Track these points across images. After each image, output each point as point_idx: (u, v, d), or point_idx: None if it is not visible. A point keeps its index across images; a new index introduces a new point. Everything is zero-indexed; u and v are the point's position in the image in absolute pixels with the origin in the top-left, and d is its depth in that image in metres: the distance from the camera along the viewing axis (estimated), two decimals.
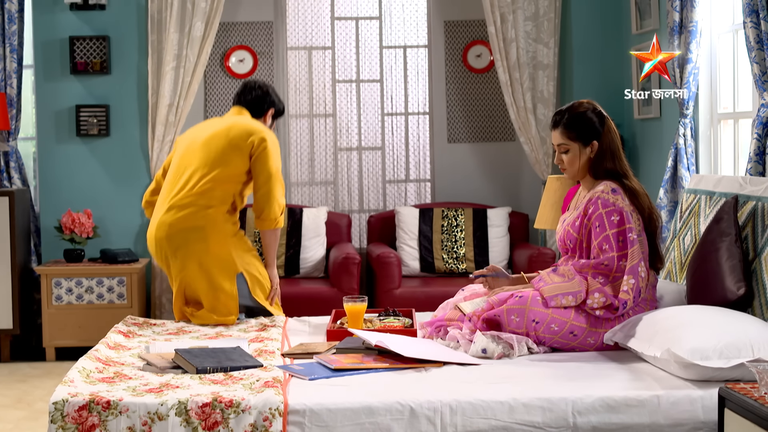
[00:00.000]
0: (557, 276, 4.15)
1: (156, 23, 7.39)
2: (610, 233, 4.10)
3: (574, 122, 4.27)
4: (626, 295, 4.05)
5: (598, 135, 4.26)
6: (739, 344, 3.57)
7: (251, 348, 4.20)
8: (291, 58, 7.89)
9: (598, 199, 4.18)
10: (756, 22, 5.06)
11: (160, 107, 7.36)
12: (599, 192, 4.19)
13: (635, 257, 4.09)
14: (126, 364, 3.96)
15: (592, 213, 4.17)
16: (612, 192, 4.18)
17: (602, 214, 4.14)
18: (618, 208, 4.13)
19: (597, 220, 4.14)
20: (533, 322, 4.07)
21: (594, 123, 4.26)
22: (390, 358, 3.93)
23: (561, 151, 4.31)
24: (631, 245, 4.09)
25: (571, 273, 4.11)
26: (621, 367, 3.87)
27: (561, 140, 4.30)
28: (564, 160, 4.31)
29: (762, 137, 5.10)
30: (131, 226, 7.61)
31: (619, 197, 4.17)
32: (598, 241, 4.12)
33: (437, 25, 7.92)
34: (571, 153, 4.29)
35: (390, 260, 7.02)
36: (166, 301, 7.43)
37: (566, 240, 4.28)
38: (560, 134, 4.29)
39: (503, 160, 7.96)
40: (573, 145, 4.28)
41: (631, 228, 4.11)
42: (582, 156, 4.28)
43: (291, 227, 7.41)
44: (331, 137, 7.94)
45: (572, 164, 4.30)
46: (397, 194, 8.02)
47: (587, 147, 4.27)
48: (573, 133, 4.26)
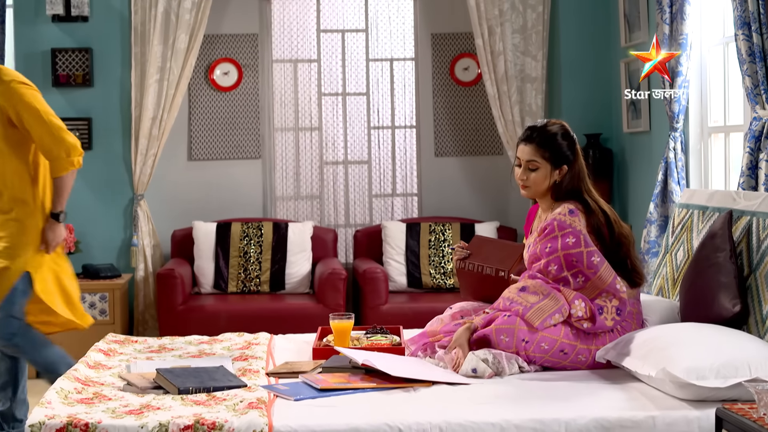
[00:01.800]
0: (531, 295, 4.03)
1: (139, 35, 7.33)
2: (561, 254, 4.02)
3: (550, 141, 4.16)
4: (610, 320, 3.98)
5: (568, 161, 4.17)
6: (736, 363, 3.48)
7: (235, 367, 4.10)
8: (276, 70, 7.82)
9: (554, 220, 4.08)
10: (748, 35, 5.00)
11: (143, 120, 7.29)
12: (556, 213, 4.11)
13: (607, 276, 4.01)
14: (106, 384, 3.85)
15: (547, 234, 4.08)
16: (569, 213, 4.09)
17: (557, 236, 4.05)
18: (575, 231, 4.04)
19: (550, 241, 4.05)
20: (523, 342, 3.98)
21: (566, 147, 4.17)
22: (377, 378, 3.83)
23: (528, 168, 4.19)
24: (597, 268, 4.00)
25: (544, 288, 4.00)
26: (614, 386, 3.77)
27: (532, 156, 4.17)
28: (530, 177, 4.19)
29: (754, 151, 5.04)
30: (114, 241, 7.53)
31: (576, 219, 4.07)
32: (546, 260, 4.04)
33: (424, 37, 7.86)
34: (541, 172, 4.17)
35: (377, 276, 6.94)
36: (150, 317, 7.35)
37: (534, 263, 4.18)
38: (533, 150, 4.16)
39: (491, 174, 7.88)
40: (544, 164, 4.17)
41: (591, 251, 4.02)
42: (550, 177, 4.18)
43: (276, 242, 7.34)
44: (316, 151, 7.87)
45: (538, 184, 4.19)
46: (384, 208, 7.96)
47: (556, 170, 4.17)
48: (547, 152, 4.16)
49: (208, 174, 7.72)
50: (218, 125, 7.71)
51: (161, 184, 7.63)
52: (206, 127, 7.70)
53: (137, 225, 7.41)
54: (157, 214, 7.62)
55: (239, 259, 7.28)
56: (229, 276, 7.28)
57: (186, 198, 7.69)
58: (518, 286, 4.08)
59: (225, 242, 7.32)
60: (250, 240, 7.33)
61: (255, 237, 7.34)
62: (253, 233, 7.35)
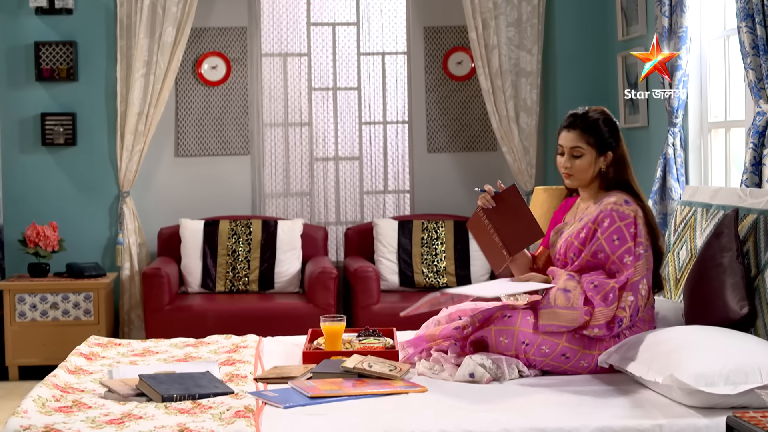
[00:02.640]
0: (563, 297, 3.86)
1: (125, 28, 7.21)
2: (631, 245, 3.88)
3: (596, 126, 4.03)
4: (623, 312, 3.83)
5: (612, 147, 4.04)
6: (746, 368, 3.33)
7: (222, 372, 3.94)
8: (265, 64, 7.70)
9: (612, 211, 3.93)
10: (751, 27, 4.87)
11: (129, 115, 7.17)
12: (611, 204, 3.95)
13: (638, 273, 3.86)
14: (86, 391, 3.68)
15: (609, 226, 3.91)
16: (626, 203, 3.95)
17: (621, 227, 3.91)
18: (634, 221, 3.91)
19: (615, 233, 3.90)
20: (523, 344, 3.83)
21: (608, 133, 4.03)
22: (371, 384, 3.68)
23: (573, 155, 4.05)
24: (637, 260, 3.87)
25: (578, 300, 3.83)
26: (618, 392, 3.62)
27: (577, 143, 4.03)
28: (575, 164, 4.05)
29: (758, 146, 4.90)
30: (99, 239, 7.40)
31: (633, 207, 3.95)
32: (618, 254, 3.88)
33: (417, 31, 7.74)
34: (586, 159, 4.03)
35: (368, 275, 6.81)
36: (135, 317, 7.24)
37: (569, 253, 4.02)
38: (577, 136, 4.02)
39: (485, 170, 7.77)
40: (589, 150, 4.03)
41: (641, 242, 3.89)
42: (595, 165, 4.04)
43: (265, 240, 7.22)
44: (306, 147, 7.75)
45: (584, 171, 4.05)
46: (375, 206, 7.85)
47: (601, 156, 4.03)
48: (593, 137, 4.02)
49: (195, 170, 7.61)
50: (206, 120, 7.59)
51: (148, 181, 7.52)
52: (194, 122, 7.58)
53: (123, 223, 7.29)
54: (143, 212, 7.50)
55: (227, 257, 7.17)
56: (217, 275, 7.16)
57: (173, 195, 7.58)
58: (565, 286, 3.89)
59: (213, 240, 7.21)
60: (238, 238, 7.22)
61: (243, 235, 7.23)
62: (242, 231, 7.24)
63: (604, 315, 3.80)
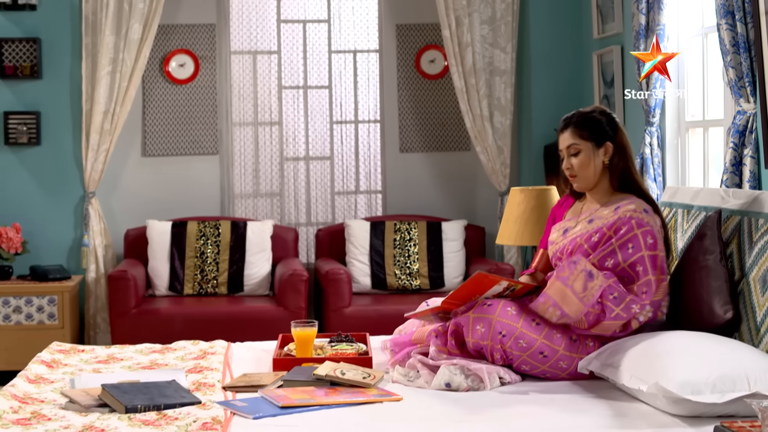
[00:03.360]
0: (581, 284, 3.69)
1: (90, 25, 7.08)
2: (646, 254, 3.76)
3: (586, 120, 3.95)
4: (636, 323, 3.73)
5: (609, 136, 3.94)
6: (733, 376, 3.21)
7: (189, 380, 3.79)
8: (234, 62, 7.58)
9: (631, 218, 3.82)
10: (732, 24, 4.77)
11: (94, 114, 7.05)
12: (631, 211, 3.84)
13: (663, 291, 3.78)
14: (46, 401, 3.52)
15: (626, 233, 3.80)
16: (645, 212, 3.85)
17: (638, 235, 3.79)
18: (653, 231, 3.81)
19: (631, 241, 3.79)
20: (500, 335, 3.69)
21: (605, 123, 3.96)
22: (344, 392, 3.54)
23: (571, 153, 3.96)
24: (664, 274, 3.79)
25: (592, 296, 3.68)
26: (600, 400, 3.50)
27: (572, 140, 3.95)
28: (574, 164, 3.95)
29: (738, 146, 4.81)
30: (63, 241, 7.27)
31: (653, 218, 3.86)
32: (630, 261, 3.77)
33: (389, 28, 7.64)
34: (584, 154, 3.93)
35: (340, 277, 6.69)
36: (101, 321, 7.11)
37: (576, 254, 3.89)
38: (570, 134, 3.95)
39: (458, 170, 7.69)
40: (585, 144, 3.93)
41: (663, 257, 3.80)
42: (595, 159, 3.93)
43: (234, 242, 7.10)
44: (276, 146, 7.63)
45: (585, 167, 3.94)
46: (347, 206, 7.74)
47: (600, 148, 3.93)
48: (585, 131, 3.93)
49: (162, 170, 7.48)
50: (174, 119, 7.47)
51: (114, 182, 7.38)
52: (161, 121, 7.45)
53: (88, 224, 7.15)
54: (109, 213, 7.37)
55: (195, 259, 7.04)
56: (185, 277, 7.03)
57: (140, 196, 7.45)
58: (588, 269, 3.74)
59: (180, 242, 7.08)
60: (207, 240, 7.09)
61: (212, 236, 7.11)
62: (210, 232, 7.11)
63: (611, 327, 3.69)
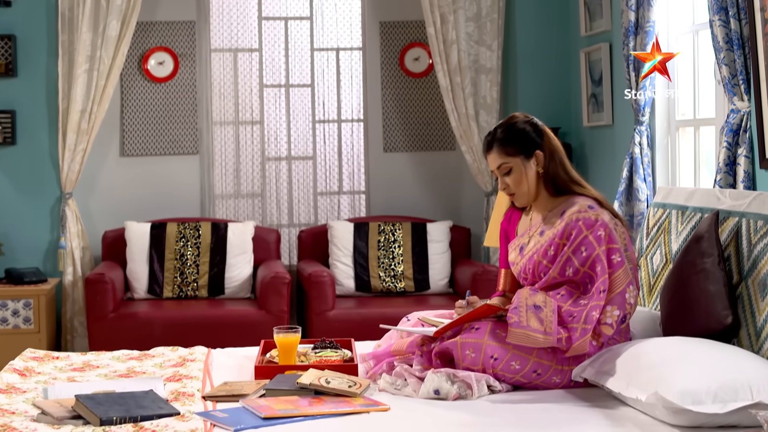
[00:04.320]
0: (536, 320, 3.55)
1: (67, 22, 6.96)
2: (600, 251, 3.63)
3: (508, 136, 3.79)
4: (609, 329, 3.58)
5: (538, 144, 3.79)
6: (735, 385, 3.09)
7: (167, 389, 3.64)
8: (215, 60, 7.48)
9: (578, 221, 3.69)
10: (725, 20, 4.67)
11: (71, 113, 6.93)
12: (575, 213, 3.71)
13: (620, 282, 3.61)
14: (17, 413, 3.36)
15: (576, 237, 3.67)
16: (590, 209, 3.70)
17: (588, 236, 3.66)
18: (603, 223, 3.66)
19: (583, 243, 3.65)
20: (491, 359, 3.56)
21: (530, 132, 3.80)
22: (329, 402, 3.40)
23: (503, 173, 3.81)
24: (616, 268, 3.62)
25: (551, 324, 3.54)
26: (595, 409, 3.37)
27: (500, 160, 3.80)
28: (509, 183, 3.81)
29: (732, 146, 4.71)
30: (39, 243, 7.15)
31: (599, 211, 3.70)
32: (588, 263, 3.64)
33: (372, 26, 7.55)
34: (515, 171, 3.79)
35: (323, 279, 6.57)
36: (79, 324, 6.98)
37: (537, 272, 3.77)
38: (497, 154, 3.80)
39: (443, 170, 7.60)
40: (514, 160, 3.78)
41: (614, 248, 3.64)
42: (528, 171, 3.79)
43: (215, 243, 6.98)
44: (258, 146, 7.53)
45: (520, 183, 3.80)
46: (330, 207, 7.65)
47: (530, 159, 3.78)
48: (511, 147, 3.78)
49: (141, 171, 7.36)
50: (152, 119, 7.36)
51: (91, 182, 7.26)
52: (140, 120, 7.35)
53: (65, 226, 7.02)
54: (86, 214, 7.25)
55: (175, 262, 6.93)
56: (165, 280, 6.91)
57: (118, 197, 7.33)
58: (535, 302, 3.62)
59: (160, 244, 6.96)
60: (186, 241, 6.98)
61: (192, 238, 6.99)
62: (190, 234, 7.00)
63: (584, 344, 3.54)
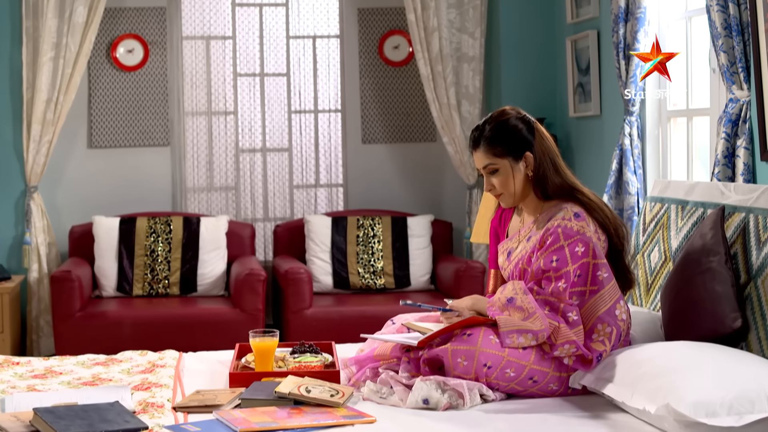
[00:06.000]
0: (515, 310, 3.40)
1: (31, 7, 6.79)
2: (571, 269, 3.40)
3: (497, 134, 3.56)
4: (601, 345, 3.36)
5: (529, 145, 3.55)
6: (751, 395, 2.86)
7: (135, 399, 3.38)
8: (186, 48, 7.33)
9: (558, 227, 3.45)
10: (723, 5, 4.48)
11: (36, 103, 6.77)
12: (559, 219, 3.47)
13: (609, 298, 3.40)
14: None
15: (552, 244, 3.44)
16: (576, 218, 3.46)
17: (563, 246, 3.42)
18: (584, 238, 3.42)
19: (556, 253, 3.42)
20: (485, 367, 3.33)
21: (521, 131, 3.56)
22: (310, 413, 3.16)
23: (488, 173, 3.59)
24: (602, 285, 3.41)
25: (532, 306, 3.37)
26: (595, 419, 3.15)
27: (486, 160, 3.57)
28: (495, 183, 3.58)
29: (731, 137, 4.51)
30: (3, 239, 6.96)
31: (584, 223, 3.46)
32: (558, 272, 3.42)
33: (350, 12, 7.41)
34: (502, 173, 3.56)
35: (300, 276, 6.39)
36: (45, 323, 6.81)
37: (523, 279, 3.54)
38: (483, 153, 3.57)
39: (424, 162, 7.47)
40: (501, 162, 3.55)
41: (600, 264, 3.42)
42: (516, 173, 3.56)
43: (187, 239, 6.83)
44: (231, 137, 7.40)
45: (506, 186, 3.57)
46: (306, 201, 7.53)
47: (519, 161, 3.55)
48: (499, 147, 3.54)
49: (110, 163, 7.21)
50: (122, 109, 7.20)
51: (57, 175, 7.09)
52: (108, 110, 7.18)
53: (30, 220, 6.84)
54: (52, 209, 7.08)
55: (145, 258, 6.76)
56: (134, 277, 6.75)
57: (85, 190, 7.17)
58: (506, 295, 3.46)
59: (129, 239, 6.80)
60: (157, 237, 6.82)
61: (163, 233, 6.83)
62: (161, 229, 6.84)
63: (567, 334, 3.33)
